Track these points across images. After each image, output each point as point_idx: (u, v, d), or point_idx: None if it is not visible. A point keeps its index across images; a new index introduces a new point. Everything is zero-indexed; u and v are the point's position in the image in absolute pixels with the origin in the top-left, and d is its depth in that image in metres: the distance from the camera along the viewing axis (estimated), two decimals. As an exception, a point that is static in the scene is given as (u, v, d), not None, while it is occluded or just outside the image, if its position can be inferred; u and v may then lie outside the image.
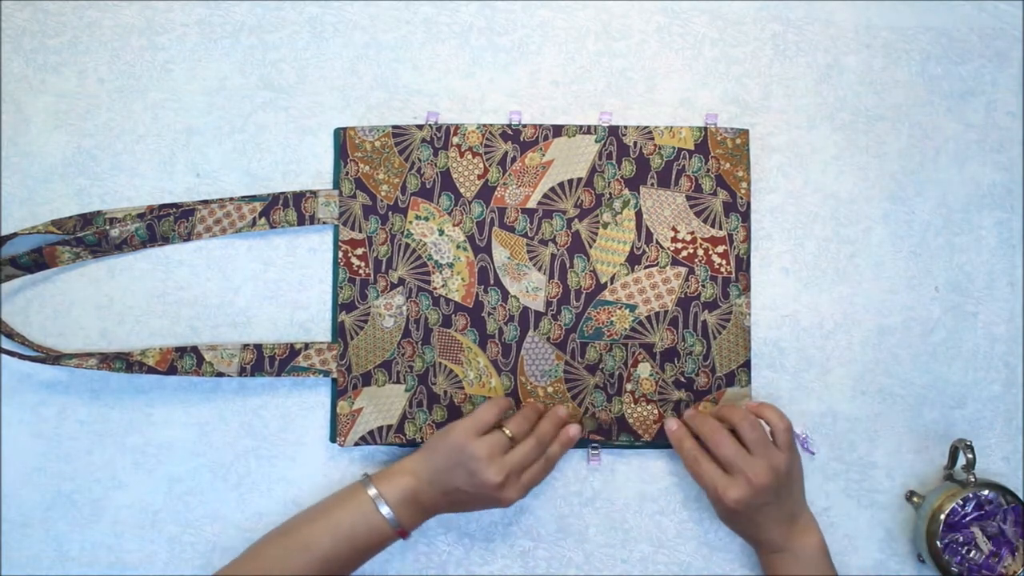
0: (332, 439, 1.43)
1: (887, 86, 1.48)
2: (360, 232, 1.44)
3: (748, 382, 1.43)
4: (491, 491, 1.30)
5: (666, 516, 1.44)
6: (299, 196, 1.44)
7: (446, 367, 1.43)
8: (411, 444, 1.41)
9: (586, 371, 1.43)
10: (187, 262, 1.46)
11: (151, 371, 1.40)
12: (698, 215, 1.43)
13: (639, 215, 1.43)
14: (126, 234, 1.43)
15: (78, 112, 1.47)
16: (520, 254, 1.43)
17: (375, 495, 1.29)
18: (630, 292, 1.43)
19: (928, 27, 1.49)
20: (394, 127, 1.45)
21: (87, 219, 1.44)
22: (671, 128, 1.45)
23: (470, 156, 1.44)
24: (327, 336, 1.45)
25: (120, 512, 1.44)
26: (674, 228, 1.43)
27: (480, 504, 1.34)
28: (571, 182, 1.44)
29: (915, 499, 1.41)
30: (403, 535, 1.31)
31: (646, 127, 1.45)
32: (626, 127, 1.45)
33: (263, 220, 1.44)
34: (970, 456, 1.36)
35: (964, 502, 1.35)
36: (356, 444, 1.41)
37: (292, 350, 1.42)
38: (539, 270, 1.43)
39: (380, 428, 1.41)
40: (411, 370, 1.43)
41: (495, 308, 1.43)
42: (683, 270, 1.43)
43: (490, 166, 1.44)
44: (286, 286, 1.45)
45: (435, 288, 1.43)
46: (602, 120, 1.46)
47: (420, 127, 1.45)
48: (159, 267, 1.46)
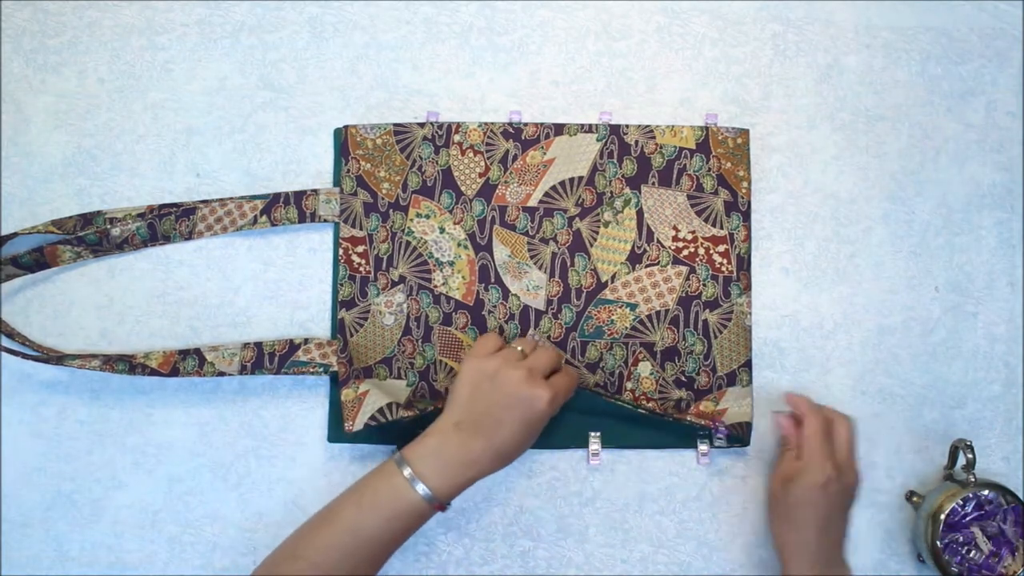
0: (332, 439, 1.43)
1: (887, 86, 1.48)
2: (361, 230, 1.44)
3: (749, 382, 1.43)
4: (520, 388, 1.27)
5: (666, 516, 1.43)
6: (300, 194, 1.44)
7: (447, 365, 1.43)
8: (424, 417, 1.37)
9: (587, 370, 1.43)
10: (187, 262, 1.46)
11: (154, 373, 1.39)
12: (699, 214, 1.43)
13: (640, 214, 1.43)
14: (127, 233, 1.43)
15: (78, 112, 1.47)
16: (521, 252, 1.43)
17: (409, 474, 1.25)
18: (631, 291, 1.43)
19: (928, 27, 1.49)
20: (395, 125, 1.45)
21: (87, 219, 1.44)
22: (672, 127, 1.45)
23: (471, 154, 1.44)
24: (327, 336, 1.45)
25: (120, 512, 1.43)
26: (675, 227, 1.43)
27: (515, 419, 1.28)
28: (572, 181, 1.44)
29: (915, 499, 1.41)
30: (441, 508, 1.27)
31: (647, 126, 1.45)
32: (627, 126, 1.45)
33: (264, 218, 1.44)
34: (970, 456, 1.36)
35: (964, 502, 1.35)
36: (366, 424, 1.36)
37: (292, 345, 1.42)
38: (540, 268, 1.43)
39: (389, 405, 1.37)
40: (411, 367, 1.43)
41: (496, 306, 1.43)
42: (684, 269, 1.43)
43: (491, 164, 1.44)
44: (286, 286, 1.45)
45: (436, 286, 1.43)
46: (602, 120, 1.46)
47: (421, 125, 1.45)
48: (159, 267, 1.46)
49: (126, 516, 1.43)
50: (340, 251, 1.44)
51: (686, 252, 1.43)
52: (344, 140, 1.45)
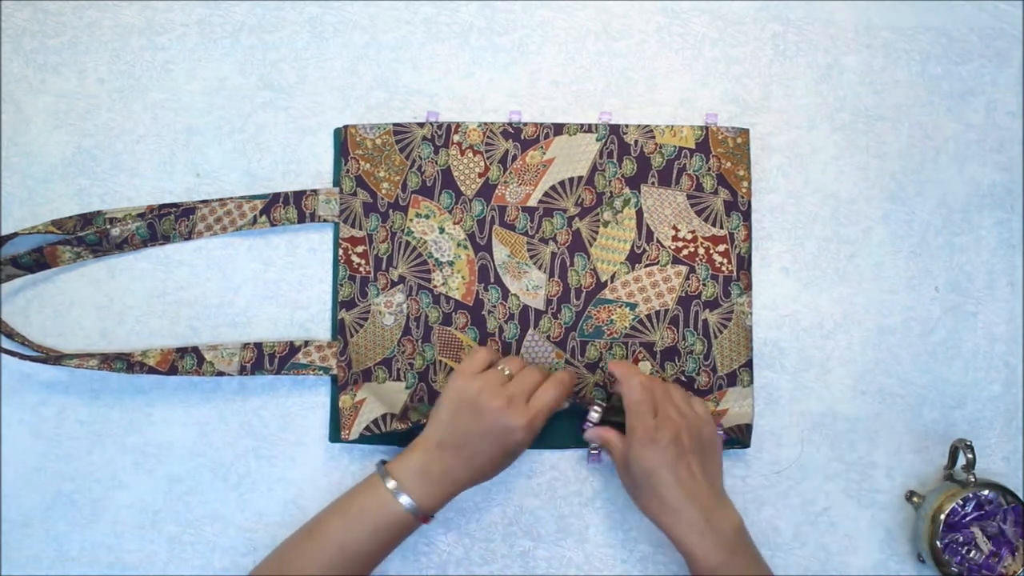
0: (332, 439, 1.43)
1: (887, 86, 1.48)
2: (360, 230, 1.44)
3: (750, 382, 1.43)
4: (496, 418, 1.28)
5: (666, 516, 1.43)
6: (299, 194, 1.44)
7: (446, 365, 1.43)
8: (416, 428, 1.38)
9: (586, 369, 1.43)
10: (187, 262, 1.46)
11: (152, 371, 1.40)
12: (699, 214, 1.43)
13: (640, 214, 1.43)
14: (127, 233, 1.43)
15: (78, 112, 1.47)
16: (520, 252, 1.43)
17: (393, 487, 1.28)
18: (630, 291, 1.43)
19: (928, 27, 1.49)
20: (395, 125, 1.45)
21: (87, 219, 1.44)
22: (672, 127, 1.45)
23: (471, 154, 1.44)
24: (327, 336, 1.45)
25: (120, 512, 1.43)
26: (675, 227, 1.43)
27: (494, 446, 1.30)
28: (572, 180, 1.44)
29: (915, 499, 1.40)
30: (425, 520, 1.29)
31: (647, 126, 1.45)
32: (627, 126, 1.45)
33: (264, 218, 1.44)
34: (970, 456, 1.36)
35: (964, 502, 1.35)
36: (361, 434, 1.39)
37: (292, 347, 1.42)
38: (539, 268, 1.43)
39: (384, 416, 1.39)
40: (411, 368, 1.43)
41: (495, 306, 1.43)
42: (684, 269, 1.43)
43: (491, 164, 1.44)
44: (286, 286, 1.45)
45: (435, 286, 1.43)
46: (602, 120, 1.46)
47: (421, 125, 1.45)
48: (159, 267, 1.46)
49: (126, 516, 1.43)
50: (340, 251, 1.44)
51: (686, 252, 1.43)
52: (344, 140, 1.45)
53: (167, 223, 1.44)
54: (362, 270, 1.44)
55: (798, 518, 1.43)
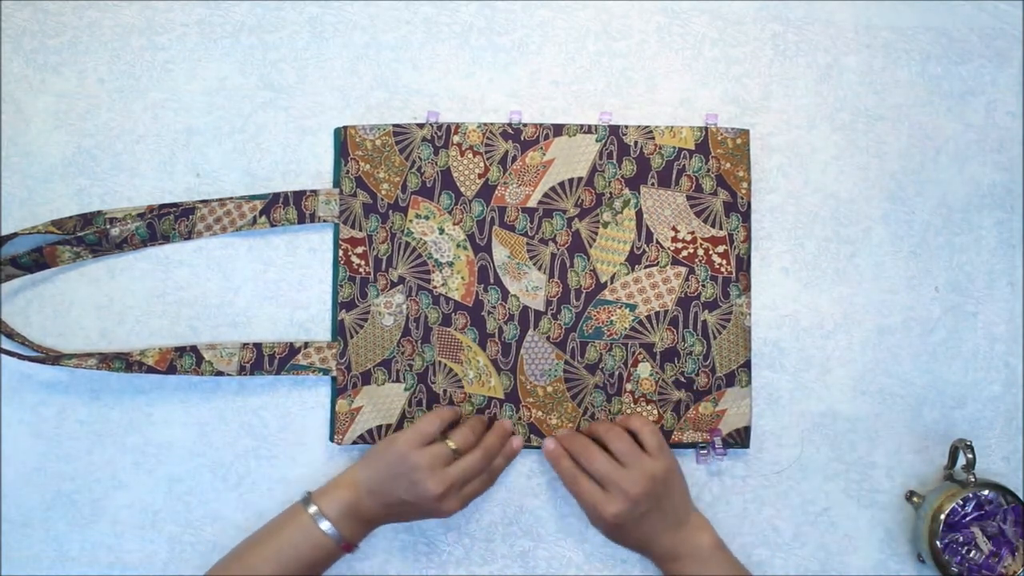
0: (332, 438, 1.43)
1: (887, 86, 1.48)
2: (360, 230, 1.44)
3: (749, 382, 1.43)
4: (431, 502, 1.31)
5: (666, 516, 1.44)
6: (299, 194, 1.44)
7: (445, 366, 1.43)
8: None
9: (586, 371, 1.43)
10: (187, 262, 1.46)
11: (151, 371, 1.40)
12: (698, 215, 1.43)
13: (639, 215, 1.43)
14: (126, 233, 1.43)
15: (78, 112, 1.47)
16: (520, 253, 1.43)
17: (315, 512, 1.30)
18: (630, 292, 1.43)
19: (928, 27, 1.49)
20: (395, 126, 1.45)
21: (87, 219, 1.45)
22: (672, 128, 1.45)
23: (471, 155, 1.44)
24: (327, 336, 1.45)
25: (120, 512, 1.44)
26: (674, 228, 1.43)
27: (420, 514, 1.35)
28: (571, 181, 1.44)
29: (915, 499, 1.40)
30: (348, 549, 1.32)
31: (647, 127, 1.45)
32: (627, 127, 1.45)
33: (263, 218, 1.44)
34: (970, 456, 1.36)
35: (964, 502, 1.35)
36: (354, 443, 1.41)
37: (292, 348, 1.42)
38: (539, 269, 1.43)
39: (379, 427, 1.41)
40: (411, 369, 1.43)
41: (495, 307, 1.43)
42: (683, 270, 1.43)
43: (491, 165, 1.44)
44: (286, 286, 1.46)
45: (435, 287, 1.43)
46: (602, 120, 1.46)
47: (421, 126, 1.45)
48: (159, 267, 1.46)
49: (126, 516, 1.44)
50: (339, 252, 1.44)
51: (685, 253, 1.43)
52: (343, 141, 1.45)
53: (167, 223, 1.44)
54: (362, 271, 1.44)
55: (798, 518, 1.43)
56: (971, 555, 1.36)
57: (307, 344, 1.43)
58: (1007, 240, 1.46)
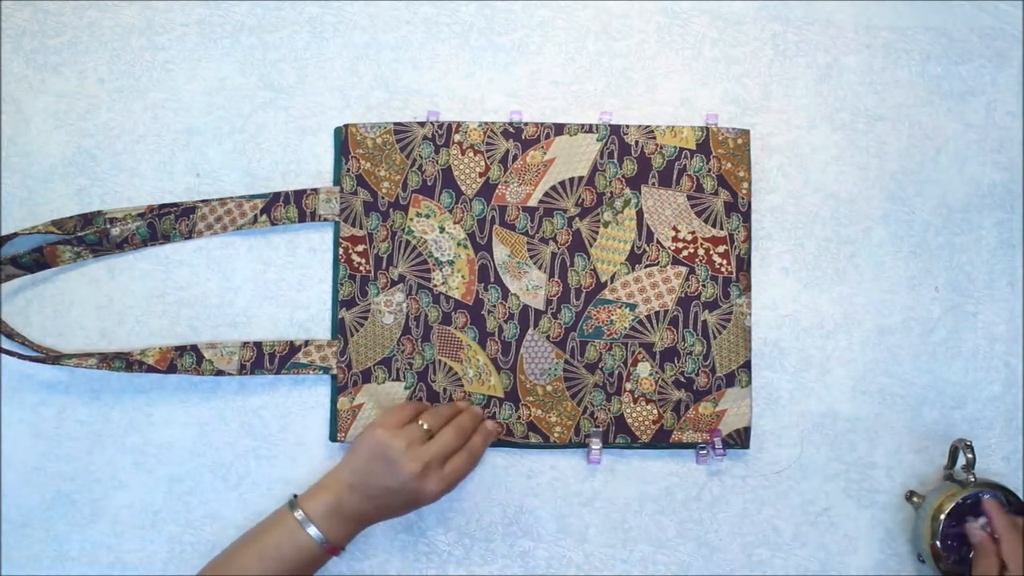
0: (332, 438, 1.43)
1: (887, 86, 1.48)
2: (361, 229, 1.44)
3: (749, 383, 1.43)
4: (411, 482, 1.29)
5: (666, 516, 1.43)
6: (300, 193, 1.44)
7: (446, 364, 1.43)
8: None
9: (586, 370, 1.43)
10: (187, 262, 1.46)
11: (151, 370, 1.40)
12: (699, 215, 1.43)
13: (640, 214, 1.43)
14: (127, 233, 1.43)
15: (78, 112, 1.47)
16: (521, 252, 1.43)
17: (300, 517, 1.30)
18: (630, 291, 1.43)
19: (928, 27, 1.49)
20: (396, 124, 1.45)
21: (87, 219, 1.45)
22: (673, 127, 1.45)
23: (471, 154, 1.44)
24: (327, 336, 1.45)
25: (120, 512, 1.44)
26: (675, 228, 1.43)
27: (404, 501, 1.32)
28: (572, 181, 1.44)
29: (915, 499, 1.40)
30: (333, 551, 1.31)
31: (648, 126, 1.45)
32: (628, 126, 1.45)
33: (264, 217, 1.44)
34: (970, 456, 1.36)
35: (964, 502, 1.35)
36: None
37: (292, 347, 1.42)
38: (539, 268, 1.43)
39: None
40: (411, 367, 1.43)
41: (495, 306, 1.43)
42: (683, 270, 1.43)
43: (491, 164, 1.44)
44: (286, 286, 1.45)
45: (435, 285, 1.43)
46: (602, 120, 1.46)
47: (422, 124, 1.45)
48: (159, 267, 1.46)
49: (126, 516, 1.43)
50: (340, 250, 1.44)
51: (686, 252, 1.43)
52: (344, 139, 1.45)
53: (167, 222, 1.44)
54: (362, 269, 1.44)
55: (798, 518, 1.43)
56: (971, 555, 1.36)
57: (307, 342, 1.43)
58: (1007, 240, 1.47)
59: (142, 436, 1.44)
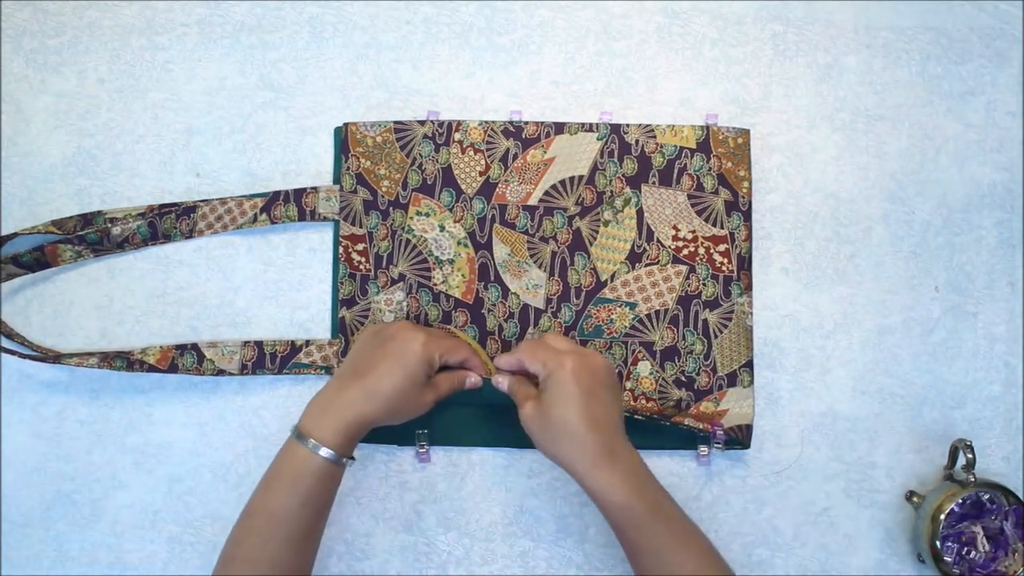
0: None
1: (887, 86, 1.48)
2: (361, 227, 1.44)
3: (751, 382, 1.43)
4: (397, 332, 1.31)
5: (666, 516, 1.43)
6: (300, 192, 1.44)
7: (446, 363, 1.43)
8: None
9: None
10: (187, 262, 1.46)
11: (152, 369, 1.40)
12: (699, 214, 1.43)
13: (640, 213, 1.43)
14: (128, 232, 1.43)
15: (78, 112, 1.48)
16: (521, 251, 1.43)
17: (294, 431, 1.26)
18: (630, 290, 1.43)
19: (928, 27, 1.49)
20: (396, 123, 1.45)
21: (87, 219, 1.45)
22: (673, 127, 1.45)
23: (472, 152, 1.44)
24: (327, 336, 1.45)
25: (120, 512, 1.44)
26: (675, 227, 1.43)
27: (387, 357, 1.29)
28: (572, 180, 1.44)
29: (915, 499, 1.40)
30: (337, 463, 1.25)
31: (648, 125, 1.45)
32: (628, 125, 1.45)
33: (264, 216, 1.44)
34: (970, 456, 1.36)
35: (964, 502, 1.35)
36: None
37: (293, 347, 1.42)
38: (540, 267, 1.43)
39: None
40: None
41: (495, 305, 1.43)
42: (684, 268, 1.43)
43: (492, 163, 1.44)
44: (286, 286, 1.46)
45: (435, 284, 1.43)
46: (602, 120, 1.46)
47: (422, 123, 1.45)
48: (159, 267, 1.46)
49: (126, 516, 1.44)
50: (340, 249, 1.44)
51: (686, 251, 1.43)
52: (344, 137, 1.45)
53: (168, 222, 1.44)
54: (362, 268, 1.44)
55: (798, 518, 1.43)
56: (971, 555, 1.36)
57: (308, 342, 1.43)
58: (1007, 240, 1.47)
59: (142, 436, 1.44)
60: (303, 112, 1.48)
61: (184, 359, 1.41)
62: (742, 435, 1.41)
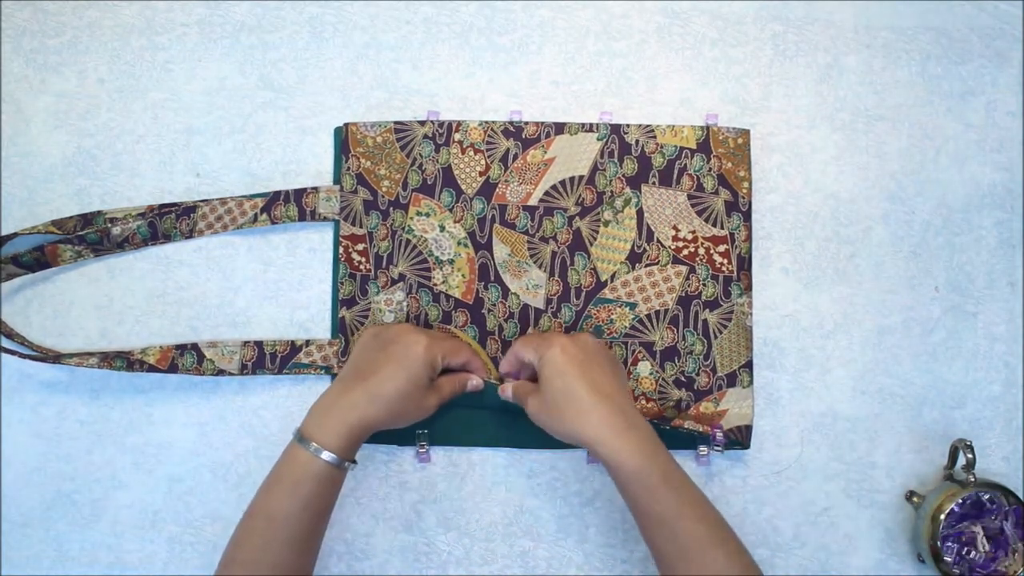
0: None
1: (887, 86, 1.48)
2: (361, 227, 1.44)
3: (750, 383, 1.43)
4: (400, 335, 1.32)
5: (666, 516, 1.43)
6: (300, 192, 1.44)
7: (446, 363, 1.43)
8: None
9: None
10: (187, 262, 1.46)
11: (152, 369, 1.40)
12: (699, 214, 1.43)
13: (640, 213, 1.43)
14: (128, 232, 1.43)
15: (78, 112, 1.48)
16: (521, 251, 1.43)
17: (295, 435, 1.26)
18: (630, 290, 1.43)
19: (928, 27, 1.49)
20: (396, 123, 1.45)
21: (87, 219, 1.45)
22: (673, 127, 1.45)
23: (472, 153, 1.44)
24: (327, 336, 1.45)
25: (120, 512, 1.44)
26: (675, 227, 1.43)
27: (389, 360, 1.30)
28: (573, 180, 1.44)
29: (915, 499, 1.40)
30: (340, 466, 1.25)
31: (648, 125, 1.45)
32: (628, 125, 1.45)
33: (264, 216, 1.44)
34: (970, 456, 1.36)
35: (964, 502, 1.35)
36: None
37: (293, 347, 1.42)
38: (540, 267, 1.43)
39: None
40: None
41: (495, 305, 1.43)
42: (684, 269, 1.43)
43: (492, 163, 1.44)
44: (286, 286, 1.46)
45: (435, 284, 1.43)
46: (602, 120, 1.46)
47: (422, 123, 1.45)
48: (159, 267, 1.46)
49: (126, 516, 1.44)
50: (340, 249, 1.44)
51: (686, 252, 1.43)
52: (344, 137, 1.45)
53: (168, 222, 1.44)
54: (362, 268, 1.44)
55: (798, 518, 1.43)
56: (971, 555, 1.36)
57: (308, 342, 1.43)
58: (1007, 240, 1.47)
59: (142, 436, 1.44)
60: (303, 112, 1.48)
61: (184, 359, 1.41)
62: (742, 436, 1.41)
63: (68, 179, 1.47)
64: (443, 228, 1.44)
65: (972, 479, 1.36)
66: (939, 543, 1.35)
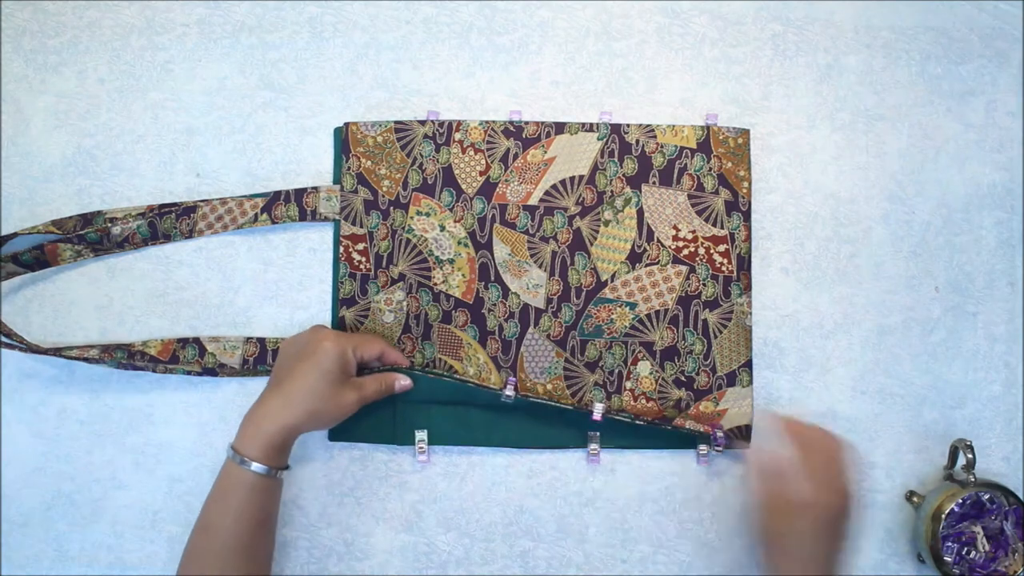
0: (331, 437, 1.43)
1: (887, 86, 1.48)
2: (361, 227, 1.44)
3: (750, 382, 1.43)
4: (308, 337, 1.34)
5: (666, 516, 1.43)
6: (300, 192, 1.44)
7: (446, 363, 1.43)
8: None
9: (586, 368, 1.43)
10: (187, 262, 1.46)
11: (153, 360, 1.40)
12: (699, 214, 1.43)
13: (640, 213, 1.43)
14: (128, 232, 1.43)
15: (78, 112, 1.48)
16: (521, 251, 1.43)
17: (227, 447, 1.29)
18: (630, 290, 1.43)
19: (928, 27, 1.49)
20: (396, 122, 1.45)
21: (87, 219, 1.45)
22: (673, 126, 1.45)
23: (472, 152, 1.44)
24: (327, 336, 1.45)
25: (120, 512, 1.43)
26: (675, 227, 1.43)
27: (301, 361, 1.31)
28: (573, 179, 1.44)
29: (915, 499, 1.40)
30: (271, 475, 1.27)
31: (648, 125, 1.45)
32: (628, 125, 1.45)
33: (264, 215, 1.44)
34: (970, 456, 1.36)
35: (964, 502, 1.35)
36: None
37: (294, 345, 1.43)
38: (540, 267, 1.43)
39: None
40: (411, 365, 1.42)
41: (495, 304, 1.43)
42: (684, 268, 1.43)
43: (492, 163, 1.44)
44: (286, 286, 1.45)
45: (436, 284, 1.43)
46: (602, 120, 1.46)
47: (422, 123, 1.45)
48: (159, 267, 1.46)
49: (126, 516, 1.43)
50: (340, 249, 1.44)
51: (686, 252, 1.43)
52: (345, 137, 1.45)
53: (168, 222, 1.44)
54: (363, 267, 1.44)
55: (798, 518, 1.43)
56: (971, 555, 1.36)
57: (309, 340, 1.43)
58: (1007, 240, 1.47)
59: (142, 436, 1.44)
60: (303, 112, 1.47)
61: (186, 351, 1.41)
62: (741, 435, 1.41)
63: (68, 179, 1.47)
64: (443, 228, 1.44)
65: (972, 479, 1.37)
66: (939, 543, 1.36)
